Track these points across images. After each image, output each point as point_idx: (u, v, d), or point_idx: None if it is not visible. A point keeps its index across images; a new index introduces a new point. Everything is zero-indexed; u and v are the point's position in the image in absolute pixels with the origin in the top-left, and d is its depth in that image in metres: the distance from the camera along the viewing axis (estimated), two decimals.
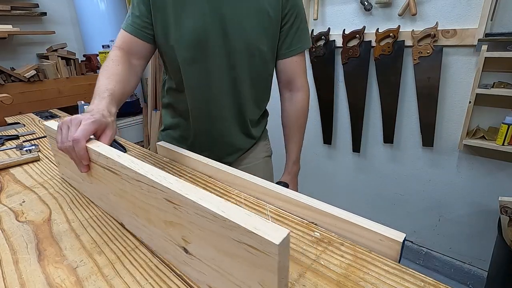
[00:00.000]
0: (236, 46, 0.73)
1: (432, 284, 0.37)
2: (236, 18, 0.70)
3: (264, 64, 0.79)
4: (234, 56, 0.74)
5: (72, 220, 0.53)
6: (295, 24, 0.78)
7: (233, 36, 0.72)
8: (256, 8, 0.71)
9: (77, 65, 2.30)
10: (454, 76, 1.37)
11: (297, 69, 0.83)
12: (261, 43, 0.75)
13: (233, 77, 0.77)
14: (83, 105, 0.81)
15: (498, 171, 1.37)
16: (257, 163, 0.94)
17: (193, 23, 0.70)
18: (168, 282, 0.39)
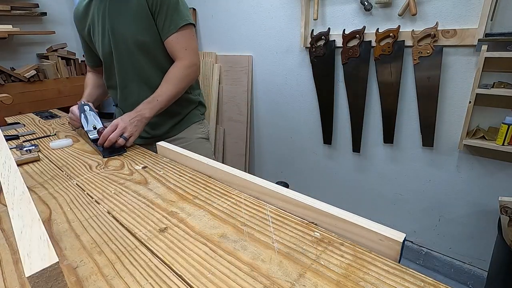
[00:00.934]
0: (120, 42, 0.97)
1: (432, 284, 0.37)
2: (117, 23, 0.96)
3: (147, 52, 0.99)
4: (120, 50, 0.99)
5: (72, 220, 0.53)
6: (161, 11, 0.93)
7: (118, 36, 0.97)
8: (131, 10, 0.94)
9: (77, 65, 2.30)
10: (454, 76, 1.37)
11: (176, 46, 0.98)
12: (141, 34, 0.95)
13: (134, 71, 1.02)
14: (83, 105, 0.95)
15: (498, 171, 1.37)
16: (190, 143, 1.12)
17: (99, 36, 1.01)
18: (168, 282, 0.39)
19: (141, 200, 0.59)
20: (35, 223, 0.32)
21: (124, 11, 0.94)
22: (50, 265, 0.26)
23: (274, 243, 0.45)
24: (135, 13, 0.93)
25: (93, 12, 0.99)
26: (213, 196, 0.60)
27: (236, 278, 0.39)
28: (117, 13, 0.95)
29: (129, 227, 0.50)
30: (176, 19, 0.95)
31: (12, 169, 0.45)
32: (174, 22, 0.95)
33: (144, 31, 0.95)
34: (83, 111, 0.95)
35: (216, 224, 0.50)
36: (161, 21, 0.94)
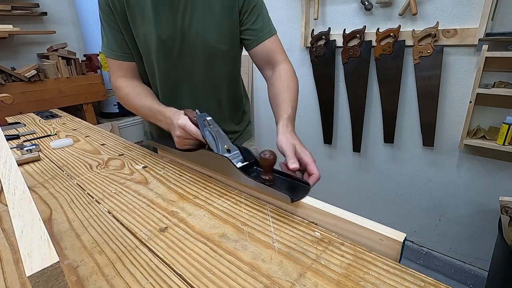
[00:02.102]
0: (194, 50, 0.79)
1: (433, 284, 0.37)
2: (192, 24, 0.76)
3: (225, 61, 0.83)
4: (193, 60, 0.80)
5: (72, 219, 0.53)
6: (255, 12, 0.80)
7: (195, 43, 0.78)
8: (210, 10, 0.76)
9: (78, 65, 2.30)
10: (454, 76, 1.37)
11: (273, 49, 0.83)
12: (221, 43, 0.79)
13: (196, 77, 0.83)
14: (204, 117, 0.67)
15: (498, 171, 1.37)
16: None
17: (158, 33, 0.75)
18: (168, 282, 0.39)
19: (141, 200, 0.59)
20: (36, 222, 0.32)
21: (207, 10, 0.76)
22: (51, 265, 0.26)
23: (274, 242, 0.45)
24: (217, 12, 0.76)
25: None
26: (213, 195, 0.60)
27: (236, 277, 0.39)
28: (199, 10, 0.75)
29: (129, 227, 0.50)
30: (269, 24, 0.84)
31: (12, 169, 0.45)
32: (268, 26, 0.83)
33: (226, 38, 0.80)
34: (205, 125, 0.65)
35: (217, 223, 0.51)
36: (253, 22, 0.81)
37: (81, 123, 1.21)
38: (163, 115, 0.73)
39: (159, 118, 0.74)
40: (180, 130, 0.67)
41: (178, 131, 0.67)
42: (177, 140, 0.70)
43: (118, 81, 0.83)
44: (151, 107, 0.76)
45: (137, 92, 0.81)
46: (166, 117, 0.71)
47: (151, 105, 0.76)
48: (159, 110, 0.74)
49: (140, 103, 0.79)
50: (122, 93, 0.82)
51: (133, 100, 0.80)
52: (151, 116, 0.77)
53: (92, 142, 0.96)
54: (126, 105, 0.84)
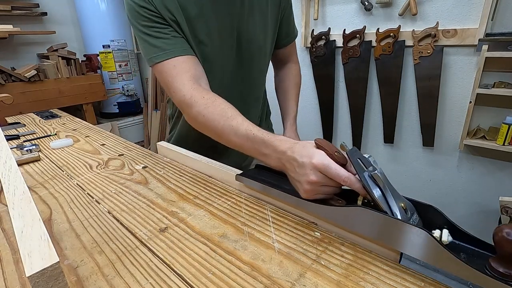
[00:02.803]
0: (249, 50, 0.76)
1: (433, 284, 0.37)
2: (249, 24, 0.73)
3: (265, 60, 0.84)
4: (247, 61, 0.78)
5: (72, 219, 0.53)
6: (290, 14, 0.84)
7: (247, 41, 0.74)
8: (261, 11, 0.74)
9: (78, 65, 2.31)
10: (454, 76, 1.37)
11: (291, 51, 0.91)
12: (266, 42, 0.80)
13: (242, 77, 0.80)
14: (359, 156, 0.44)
15: (498, 171, 1.37)
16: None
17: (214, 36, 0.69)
18: (168, 282, 0.39)
19: (141, 200, 0.59)
20: (36, 222, 0.32)
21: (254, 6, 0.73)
22: (51, 265, 0.26)
23: (274, 243, 0.45)
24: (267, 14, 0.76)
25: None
26: (213, 196, 0.60)
27: (236, 278, 0.39)
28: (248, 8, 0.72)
29: (129, 227, 0.50)
30: (295, 25, 0.88)
31: (12, 169, 0.45)
32: (295, 28, 0.88)
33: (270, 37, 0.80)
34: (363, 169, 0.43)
35: (217, 224, 0.51)
36: (287, 25, 0.84)
37: (81, 123, 1.21)
38: (272, 147, 0.51)
39: (264, 152, 0.53)
40: (317, 174, 0.44)
41: (313, 175, 0.44)
42: (308, 188, 0.46)
43: (187, 89, 0.61)
44: (249, 133, 0.54)
45: (220, 108, 0.59)
46: (279, 151, 0.50)
47: (247, 131, 0.54)
48: (264, 140, 0.52)
49: (228, 125, 0.57)
50: (197, 109, 0.60)
51: (215, 120, 0.58)
52: (248, 146, 0.55)
53: (92, 142, 0.96)
54: (205, 127, 0.62)
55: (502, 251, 0.33)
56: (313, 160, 0.44)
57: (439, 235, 0.38)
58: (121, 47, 2.59)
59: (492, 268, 0.34)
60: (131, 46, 2.71)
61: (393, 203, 0.41)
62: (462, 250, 0.39)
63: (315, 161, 0.44)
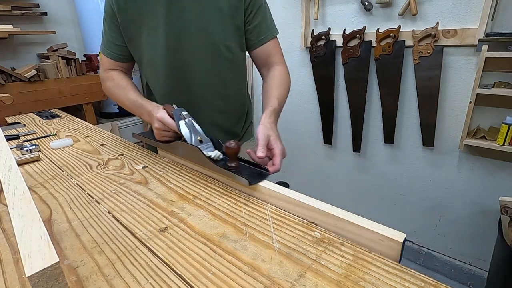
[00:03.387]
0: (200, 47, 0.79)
1: (433, 284, 0.37)
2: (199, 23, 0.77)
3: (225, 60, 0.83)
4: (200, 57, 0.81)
5: (72, 220, 0.53)
6: (259, 13, 0.82)
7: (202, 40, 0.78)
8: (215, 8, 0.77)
9: (78, 65, 2.30)
10: (454, 76, 1.37)
11: (271, 51, 0.87)
12: (226, 40, 0.80)
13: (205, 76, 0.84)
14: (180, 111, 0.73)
15: (498, 171, 1.37)
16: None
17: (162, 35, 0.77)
18: (168, 282, 0.39)
19: (141, 200, 0.59)
20: (36, 223, 0.32)
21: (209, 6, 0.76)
22: (51, 265, 0.26)
23: (274, 243, 0.45)
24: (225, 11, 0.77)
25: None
26: (213, 196, 0.60)
27: (236, 278, 0.39)
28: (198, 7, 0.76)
29: (129, 227, 0.50)
30: (272, 25, 0.86)
31: (12, 169, 0.45)
32: (271, 28, 0.86)
33: (232, 35, 0.81)
34: (180, 119, 0.71)
35: (217, 224, 0.51)
36: (257, 23, 0.82)
37: (81, 123, 1.21)
38: (145, 109, 0.77)
39: (141, 112, 0.80)
40: (158, 123, 0.72)
41: (156, 123, 0.73)
42: (156, 132, 0.75)
43: (106, 73, 0.89)
44: (135, 101, 0.81)
45: (123, 85, 0.86)
46: (148, 111, 0.76)
47: (135, 99, 0.81)
48: (142, 104, 0.78)
49: (125, 96, 0.84)
50: (108, 85, 0.88)
51: (118, 93, 0.86)
52: (135, 109, 0.82)
53: (92, 142, 0.96)
54: (112, 96, 0.90)
55: (227, 154, 0.62)
56: (157, 114, 0.72)
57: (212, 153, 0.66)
58: None
59: (228, 165, 0.62)
60: None
61: (193, 137, 0.69)
62: (224, 160, 0.66)
63: (157, 115, 0.72)
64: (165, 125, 0.71)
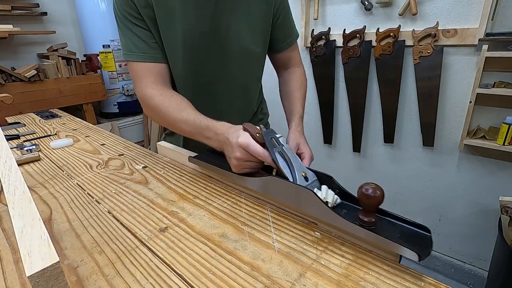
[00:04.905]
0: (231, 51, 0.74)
1: (433, 284, 0.37)
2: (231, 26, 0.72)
3: (257, 63, 0.82)
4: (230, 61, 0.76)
5: (72, 219, 0.53)
6: (286, 18, 0.81)
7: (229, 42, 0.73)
8: (248, 12, 0.73)
9: (78, 65, 2.30)
10: (454, 76, 1.37)
11: (292, 54, 0.88)
12: (256, 45, 0.77)
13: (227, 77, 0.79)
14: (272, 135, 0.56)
15: (498, 171, 1.37)
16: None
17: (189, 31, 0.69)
18: (168, 282, 0.39)
19: (141, 200, 0.59)
20: (36, 222, 0.32)
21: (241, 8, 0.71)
22: (51, 265, 0.26)
23: (274, 242, 0.45)
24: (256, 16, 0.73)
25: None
26: (213, 195, 0.60)
27: (236, 277, 0.39)
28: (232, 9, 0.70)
29: (129, 227, 0.50)
30: (295, 28, 0.85)
31: (12, 169, 0.45)
32: (295, 31, 0.85)
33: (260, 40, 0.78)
34: (274, 145, 0.54)
35: (217, 223, 0.51)
36: (284, 29, 0.81)
37: (81, 123, 1.21)
38: (213, 131, 0.60)
39: (207, 135, 0.62)
40: (240, 151, 0.54)
41: (238, 152, 0.54)
42: (235, 163, 0.56)
43: (148, 89, 0.69)
44: (196, 121, 0.63)
45: (175, 102, 0.67)
46: (218, 134, 0.59)
47: (195, 119, 0.63)
48: (208, 125, 0.61)
49: (180, 116, 0.65)
50: (153, 103, 0.68)
51: (169, 112, 0.67)
52: (195, 132, 0.64)
53: (92, 142, 0.96)
54: (159, 118, 0.71)
55: (363, 204, 0.42)
56: (238, 139, 0.54)
57: (325, 194, 0.48)
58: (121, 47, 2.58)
59: (359, 219, 0.42)
60: None
61: (295, 172, 0.52)
62: (345, 207, 0.48)
63: (240, 140, 0.54)
64: (251, 154, 0.53)
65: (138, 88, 0.71)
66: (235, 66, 0.77)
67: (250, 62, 0.79)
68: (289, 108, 0.84)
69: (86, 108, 2.39)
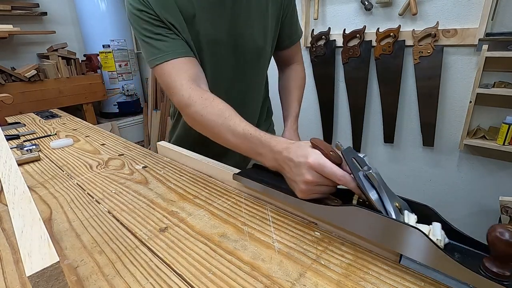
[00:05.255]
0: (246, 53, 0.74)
1: (433, 283, 0.37)
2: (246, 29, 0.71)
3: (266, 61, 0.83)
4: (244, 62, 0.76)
5: (72, 219, 0.53)
6: (292, 15, 0.81)
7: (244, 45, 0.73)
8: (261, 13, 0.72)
9: (78, 65, 2.31)
10: (454, 76, 1.37)
11: (295, 52, 0.89)
12: (266, 44, 0.77)
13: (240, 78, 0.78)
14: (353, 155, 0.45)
15: (498, 171, 1.37)
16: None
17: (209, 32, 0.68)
18: (168, 282, 0.39)
19: (141, 200, 0.59)
20: (36, 222, 0.32)
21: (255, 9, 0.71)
22: (51, 265, 0.26)
23: (274, 242, 0.45)
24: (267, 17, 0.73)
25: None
26: (213, 195, 0.60)
27: (236, 277, 0.39)
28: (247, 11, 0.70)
29: (129, 227, 0.50)
30: (299, 25, 0.86)
31: (12, 169, 0.46)
32: (299, 29, 0.86)
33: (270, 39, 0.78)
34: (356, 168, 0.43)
35: (217, 223, 0.51)
36: (290, 26, 0.81)
37: (81, 123, 1.21)
38: (268, 147, 0.51)
39: (259, 151, 0.53)
40: (312, 174, 0.44)
41: (309, 175, 0.44)
42: (303, 189, 0.46)
43: (186, 90, 0.61)
44: (246, 133, 0.54)
45: (218, 108, 0.59)
46: (275, 152, 0.50)
47: (245, 131, 0.55)
48: (261, 140, 0.52)
49: (226, 125, 0.57)
50: (194, 109, 0.60)
51: (212, 120, 0.58)
52: (245, 147, 0.56)
53: (92, 142, 0.96)
54: (202, 127, 0.62)
55: (496, 251, 0.32)
56: (308, 159, 0.44)
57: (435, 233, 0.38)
58: (121, 47, 2.59)
59: (486, 268, 0.33)
60: (131, 46, 2.71)
61: (388, 202, 0.40)
62: (456, 250, 0.38)
63: (311, 161, 0.44)
64: (325, 177, 0.44)
65: (174, 91, 0.62)
66: (249, 67, 0.77)
67: (261, 61, 0.80)
68: (287, 106, 0.87)
69: (86, 108, 2.39)
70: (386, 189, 0.42)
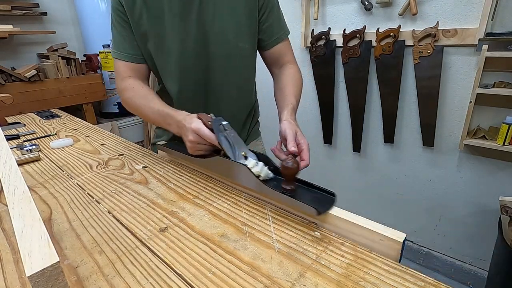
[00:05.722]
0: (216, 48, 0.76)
1: (433, 284, 0.37)
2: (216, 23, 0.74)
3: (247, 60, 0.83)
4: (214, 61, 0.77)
5: (72, 219, 0.53)
6: (272, 11, 0.80)
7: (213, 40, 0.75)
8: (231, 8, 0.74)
9: (78, 65, 2.30)
10: (454, 76, 1.37)
11: (283, 51, 0.86)
12: (242, 41, 0.78)
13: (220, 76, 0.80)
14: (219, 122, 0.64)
15: (498, 171, 1.37)
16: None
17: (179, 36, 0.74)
18: (168, 282, 0.39)
19: (141, 200, 0.59)
20: (36, 222, 0.32)
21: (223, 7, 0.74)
22: (51, 265, 0.26)
23: (274, 242, 0.45)
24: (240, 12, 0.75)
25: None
26: (213, 195, 0.60)
27: (236, 277, 0.39)
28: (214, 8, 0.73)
29: (129, 227, 0.50)
30: (284, 25, 0.85)
31: (12, 169, 0.46)
32: (284, 28, 0.85)
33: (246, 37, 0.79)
34: (221, 130, 0.62)
35: (217, 223, 0.51)
36: (271, 24, 0.81)
37: (81, 123, 1.21)
38: (173, 118, 0.68)
39: (168, 122, 0.70)
40: (193, 135, 0.62)
41: (191, 136, 0.63)
42: (189, 146, 0.65)
43: (124, 82, 0.79)
44: (160, 110, 0.71)
45: (144, 94, 0.76)
46: (177, 121, 0.67)
47: (159, 108, 0.72)
48: (169, 114, 0.69)
49: (148, 106, 0.74)
50: (126, 95, 0.78)
51: (139, 103, 0.76)
52: (160, 120, 0.72)
53: (92, 142, 0.97)
54: (132, 108, 0.79)
55: (284, 174, 0.52)
56: (192, 125, 0.62)
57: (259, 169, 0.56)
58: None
59: (282, 188, 0.52)
60: None
61: (236, 152, 0.60)
62: (276, 180, 0.57)
63: (193, 126, 0.62)
64: (201, 137, 0.62)
65: (118, 81, 0.81)
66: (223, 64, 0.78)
67: (238, 59, 0.80)
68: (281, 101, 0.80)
69: (86, 108, 2.39)
70: (239, 145, 0.62)
